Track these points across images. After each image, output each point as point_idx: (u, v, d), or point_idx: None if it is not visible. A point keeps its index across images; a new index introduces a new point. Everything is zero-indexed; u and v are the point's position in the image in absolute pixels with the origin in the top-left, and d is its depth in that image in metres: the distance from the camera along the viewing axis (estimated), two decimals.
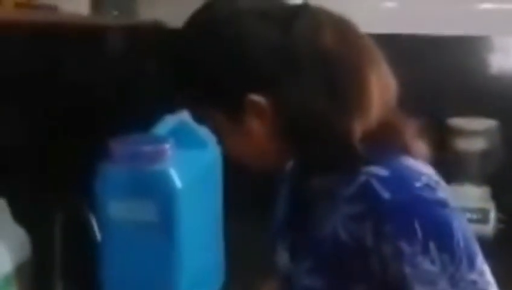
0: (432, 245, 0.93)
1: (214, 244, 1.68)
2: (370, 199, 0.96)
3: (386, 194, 0.94)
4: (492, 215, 2.03)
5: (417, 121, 1.04)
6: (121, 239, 1.41)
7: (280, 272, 1.15)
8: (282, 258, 1.13)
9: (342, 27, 1.01)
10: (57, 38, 1.75)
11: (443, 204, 0.96)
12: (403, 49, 2.13)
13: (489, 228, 2.00)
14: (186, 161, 1.45)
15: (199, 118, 1.05)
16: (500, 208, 2.08)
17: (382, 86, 1.01)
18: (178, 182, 1.39)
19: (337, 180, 1.01)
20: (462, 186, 2.06)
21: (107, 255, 1.42)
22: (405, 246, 0.93)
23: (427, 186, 0.96)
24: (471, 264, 0.95)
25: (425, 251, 0.93)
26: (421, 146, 1.03)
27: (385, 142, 1.00)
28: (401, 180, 0.96)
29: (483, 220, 2.00)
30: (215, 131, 1.04)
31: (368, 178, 0.97)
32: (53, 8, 1.68)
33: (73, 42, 1.84)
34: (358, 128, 0.98)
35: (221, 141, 1.05)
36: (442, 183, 0.99)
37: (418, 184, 0.96)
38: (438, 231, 0.94)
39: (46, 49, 1.74)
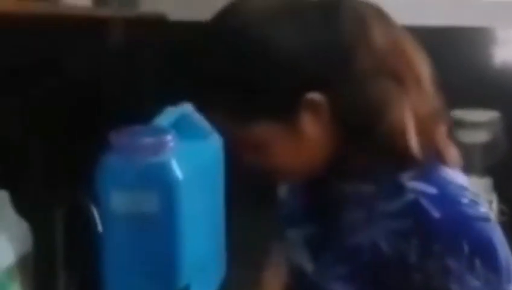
0: (477, 262, 0.94)
1: (216, 236, 1.68)
2: (419, 217, 0.95)
3: (435, 213, 0.94)
4: (495, 207, 2.03)
5: (447, 120, 1.03)
6: (123, 230, 1.40)
7: (294, 268, 1.13)
8: (301, 254, 1.11)
9: (383, 18, 1.00)
10: (59, 30, 1.75)
11: (486, 219, 0.96)
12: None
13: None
14: (188, 152, 1.45)
15: (228, 132, 1.00)
16: (502, 199, 2.08)
17: (430, 77, 1.00)
18: (179, 174, 1.38)
19: (377, 190, 0.99)
20: None
21: (109, 247, 1.42)
22: (452, 264, 0.94)
23: (472, 202, 0.96)
24: (510, 277, 0.96)
25: (472, 267, 0.93)
26: (453, 152, 1.02)
27: (425, 147, 0.98)
28: (449, 199, 0.96)
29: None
30: (253, 143, 0.99)
31: (416, 196, 0.96)
32: (55, 0, 1.67)
33: (74, 34, 1.84)
34: (412, 124, 0.96)
35: (256, 154, 1.00)
36: (479, 194, 0.99)
37: (464, 201, 0.96)
38: (483, 247, 0.95)
39: (48, 41, 1.73)
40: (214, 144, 1.57)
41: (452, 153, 1.03)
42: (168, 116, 1.55)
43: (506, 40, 2.27)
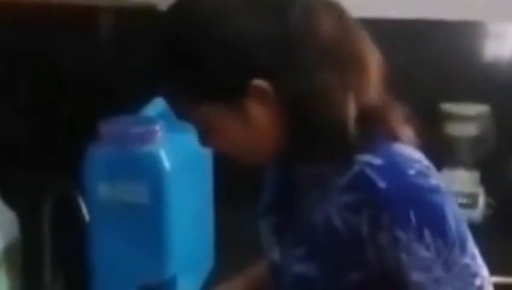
0: (426, 232, 0.94)
1: (204, 227, 1.69)
2: (365, 189, 0.96)
3: (381, 183, 0.95)
4: (481, 200, 2.04)
5: (403, 106, 1.04)
6: (110, 221, 1.40)
7: (268, 257, 1.14)
8: (270, 243, 1.13)
9: (335, 10, 1.01)
10: (48, 20, 1.75)
11: (436, 190, 0.97)
12: (395, 33, 2.12)
13: (478, 212, 2.00)
14: (176, 143, 1.45)
15: (183, 113, 1.02)
16: (489, 193, 2.08)
17: (378, 67, 1.01)
18: (167, 164, 1.38)
19: (328, 169, 1.00)
20: (453, 171, 2.07)
21: (96, 237, 1.42)
22: (401, 234, 0.94)
23: (420, 173, 0.97)
24: (463, 248, 0.96)
25: (420, 237, 0.94)
26: (407, 132, 1.03)
27: (372, 128, 1.00)
28: (396, 169, 0.97)
29: (472, 204, 2.00)
30: (205, 124, 1.01)
31: (362, 167, 0.97)
32: None
33: (64, 24, 1.84)
34: (354, 111, 0.98)
35: (209, 136, 1.02)
36: (432, 168, 1.00)
37: (411, 171, 0.96)
38: (432, 217, 0.95)
39: (37, 31, 1.73)
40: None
41: (406, 133, 1.03)
42: (156, 106, 1.55)
43: (497, 34, 2.27)
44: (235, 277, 1.32)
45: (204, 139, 1.04)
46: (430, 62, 2.22)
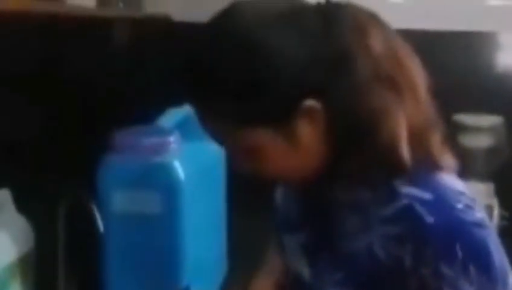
0: (471, 267, 0.93)
1: (217, 237, 1.69)
2: (412, 223, 0.94)
3: (429, 218, 0.93)
4: (496, 212, 2.03)
5: (441, 126, 1.01)
6: (124, 230, 1.41)
7: (293, 273, 1.13)
8: (298, 260, 1.11)
9: (379, 23, 0.98)
10: (64, 30, 1.76)
11: (481, 225, 0.95)
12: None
13: (492, 225, 1.99)
14: (190, 153, 1.45)
15: (218, 135, 0.98)
16: (503, 205, 2.08)
17: (425, 83, 0.99)
18: (181, 174, 1.39)
19: (371, 196, 0.98)
20: (466, 183, 2.06)
21: (110, 247, 1.43)
22: (445, 269, 0.93)
23: (467, 207, 0.95)
24: (505, 283, 0.95)
25: (465, 273, 0.93)
26: (448, 159, 1.01)
27: (416, 157, 0.97)
28: (444, 204, 0.95)
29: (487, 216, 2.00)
30: (245, 146, 0.97)
31: (411, 202, 0.95)
32: (60, 0, 1.68)
33: (79, 34, 1.85)
34: (404, 133, 0.95)
35: (246, 157, 0.98)
36: (475, 199, 0.98)
37: (459, 206, 0.95)
38: (477, 253, 0.94)
39: (53, 40, 1.74)
40: (216, 145, 1.57)
41: (448, 159, 1.02)
42: (171, 117, 1.55)
43: (510, 45, 2.26)
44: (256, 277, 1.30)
45: (236, 162, 1.00)
46: (443, 73, 2.21)
